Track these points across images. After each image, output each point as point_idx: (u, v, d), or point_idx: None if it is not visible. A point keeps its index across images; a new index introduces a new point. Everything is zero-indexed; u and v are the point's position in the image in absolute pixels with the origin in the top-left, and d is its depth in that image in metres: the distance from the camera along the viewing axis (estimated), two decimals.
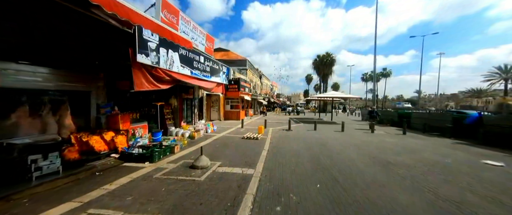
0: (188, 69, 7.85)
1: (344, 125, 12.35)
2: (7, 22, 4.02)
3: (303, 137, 9.96)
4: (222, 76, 11.86)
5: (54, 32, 4.53)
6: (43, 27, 4.39)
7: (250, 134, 9.65)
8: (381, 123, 16.94)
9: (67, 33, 4.80)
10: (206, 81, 9.52)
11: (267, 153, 6.64)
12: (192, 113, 10.87)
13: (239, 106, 19.43)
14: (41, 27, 4.38)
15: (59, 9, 3.67)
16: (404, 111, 16.93)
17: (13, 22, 4.06)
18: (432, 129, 11.96)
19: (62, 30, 4.62)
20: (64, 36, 4.88)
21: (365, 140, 9.36)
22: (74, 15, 3.84)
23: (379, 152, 6.90)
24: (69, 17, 4.12)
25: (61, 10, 3.66)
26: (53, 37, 4.63)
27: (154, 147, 5.75)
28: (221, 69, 11.67)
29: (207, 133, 10.57)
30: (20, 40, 4.38)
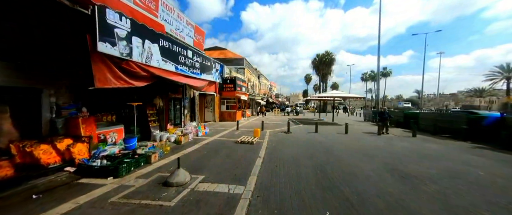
0: (172, 64, 6.82)
1: (348, 126, 11.36)
2: None
3: (304, 140, 8.96)
4: (215, 74, 10.84)
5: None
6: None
7: (245, 138, 8.63)
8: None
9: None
10: (195, 79, 8.50)
11: (262, 162, 5.62)
12: (181, 114, 9.84)
13: (236, 107, 18.41)
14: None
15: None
16: (410, 111, 15.95)
17: None
18: (442, 131, 11.02)
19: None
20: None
21: (373, 144, 8.37)
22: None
23: (394, 160, 5.90)
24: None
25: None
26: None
27: (123, 157, 4.72)
28: (214, 66, 10.65)
29: (198, 136, 9.54)
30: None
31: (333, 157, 6.15)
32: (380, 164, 5.49)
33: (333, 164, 5.48)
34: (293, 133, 11.11)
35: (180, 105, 9.79)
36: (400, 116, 15.29)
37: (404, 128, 13.81)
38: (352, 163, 5.59)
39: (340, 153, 6.66)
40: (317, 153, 6.61)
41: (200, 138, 9.16)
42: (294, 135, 10.40)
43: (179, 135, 7.84)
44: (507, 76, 43.98)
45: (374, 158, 6.15)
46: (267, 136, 10.00)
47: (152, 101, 8.23)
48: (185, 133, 8.30)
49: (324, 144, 8.22)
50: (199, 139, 8.90)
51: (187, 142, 8.03)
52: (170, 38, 6.73)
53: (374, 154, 6.63)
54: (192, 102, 12.65)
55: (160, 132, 7.85)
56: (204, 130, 10.21)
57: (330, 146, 7.73)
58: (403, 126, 14.32)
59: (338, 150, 7.17)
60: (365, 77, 77.70)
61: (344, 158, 6.11)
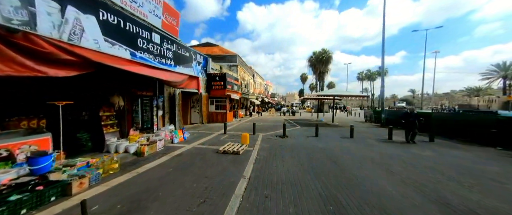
0: (124, 48, 5.00)
1: (353, 130, 9.73)
2: None
3: (304, 148, 7.26)
4: (197, 67, 9.04)
5: None
6: None
7: (230, 146, 6.88)
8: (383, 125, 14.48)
9: None
10: (166, 72, 6.69)
11: (246, 187, 3.89)
12: (152, 116, 8.02)
13: (227, 107, 16.61)
14: None
15: None
16: (419, 111, 14.43)
17: None
18: (460, 133, 9.56)
19: None
20: None
21: (389, 153, 6.75)
22: None
23: (430, 181, 4.26)
24: None
25: None
26: None
27: (14, 190, 2.89)
28: (195, 58, 8.85)
29: (173, 143, 7.73)
30: None
31: (346, 176, 4.46)
32: (414, 189, 3.83)
33: (349, 189, 3.79)
34: (289, 138, 9.41)
35: (152, 105, 7.96)
36: None
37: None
38: (375, 186, 3.92)
39: (353, 169, 4.98)
40: (323, 170, 4.92)
41: (174, 145, 7.35)
42: (291, 141, 8.70)
43: (142, 144, 6.02)
44: (503, 75, 43.68)
45: (401, 177, 4.49)
46: (259, 142, 8.27)
47: (109, 99, 6.38)
48: (152, 140, 6.47)
49: (329, 153, 6.54)
50: (173, 147, 7.09)
51: (154, 152, 6.21)
52: (120, 11, 4.91)
53: (398, 170, 4.97)
54: (171, 102, 10.81)
55: (117, 141, 6.01)
56: (182, 135, 8.40)
57: (337, 157, 6.05)
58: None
59: (349, 163, 5.49)
60: (361, 76, 77.03)
61: (361, 177, 4.43)
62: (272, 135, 10.17)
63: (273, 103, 53.45)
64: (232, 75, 19.33)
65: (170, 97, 10.76)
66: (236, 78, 20.55)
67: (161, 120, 9.09)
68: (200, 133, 10.52)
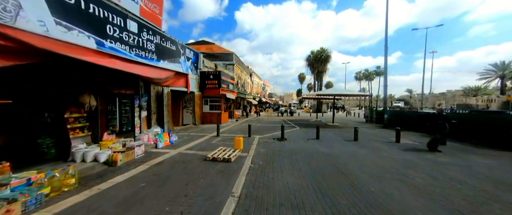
0: (88, 35, 4.09)
1: (357, 132, 8.91)
2: None
3: (304, 154, 6.41)
4: (185, 63, 8.13)
5: None
6: None
7: (220, 152, 6.00)
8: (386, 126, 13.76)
9: None
10: (146, 66, 5.78)
11: (235, 210, 3.02)
12: (134, 118, 7.09)
13: (222, 107, 15.71)
14: None
15: None
16: (426, 111, 13.68)
17: None
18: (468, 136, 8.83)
19: None
20: None
21: (401, 158, 5.94)
22: None
23: (466, 198, 3.45)
24: None
25: None
26: None
27: None
28: (183, 53, 7.94)
29: (157, 148, 6.82)
30: None
31: (360, 193, 3.62)
32: (450, 213, 3.01)
33: (368, 213, 2.94)
34: (288, 141, 8.56)
35: (133, 105, 7.03)
36: (412, 117, 13.06)
37: (415, 131, 11.53)
38: (400, 207, 3.08)
39: (366, 181, 4.15)
40: (331, 183, 4.07)
41: (158, 151, 6.44)
42: (290, 145, 7.85)
43: (116, 151, 5.10)
44: (501, 74, 43.56)
45: (427, 193, 3.67)
46: (254, 146, 7.40)
47: (78, 98, 5.44)
48: (129, 146, 5.55)
49: (334, 160, 5.70)
50: (156, 153, 6.18)
51: (130, 161, 5.29)
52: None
53: (421, 184, 4.15)
54: (159, 101, 9.87)
55: (86, 147, 5.08)
56: (168, 138, 7.49)
57: (344, 165, 5.21)
58: (414, 130, 12.08)
59: (360, 173, 4.66)
60: (359, 76, 76.75)
61: (378, 194, 3.59)
62: (269, 138, 9.32)
63: (271, 103, 52.68)
64: (228, 73, 18.45)
65: (158, 96, 9.82)
66: (232, 77, 19.66)
67: (146, 122, 8.16)
68: (191, 136, 9.61)
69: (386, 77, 13.88)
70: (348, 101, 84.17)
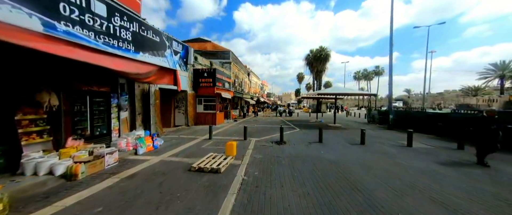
0: (29, 14, 3.16)
1: (364, 135, 8.03)
2: None
3: (307, 161, 5.52)
4: (172, 58, 7.19)
5: None
6: None
7: (209, 160, 5.08)
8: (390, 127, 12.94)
9: None
10: (119, 58, 4.85)
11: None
12: (110, 119, 6.13)
13: (217, 107, 14.78)
14: None
15: None
16: (437, 111, 12.79)
17: None
18: None
19: None
20: None
21: (419, 167, 5.07)
22: None
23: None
24: None
25: None
26: None
27: None
28: (169, 45, 7.00)
29: (137, 155, 5.89)
30: None
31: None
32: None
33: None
34: (288, 145, 7.68)
35: (108, 104, 6.08)
36: (420, 118, 12.23)
37: (422, 133, 10.69)
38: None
39: (387, 199, 3.26)
40: (344, 205, 3.18)
41: (136, 158, 5.50)
42: (291, 149, 6.96)
43: (78, 161, 4.15)
44: (501, 74, 43.18)
45: None
46: (250, 151, 6.50)
47: (35, 97, 4.48)
48: (97, 154, 4.60)
49: (343, 170, 4.81)
50: (133, 161, 5.24)
51: (96, 172, 4.35)
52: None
53: (459, 204, 3.28)
54: (145, 100, 8.93)
55: (43, 156, 4.12)
56: (151, 143, 6.55)
57: (357, 177, 4.32)
58: (421, 131, 11.25)
59: (379, 189, 3.77)
60: (358, 76, 76.30)
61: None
62: (267, 141, 8.42)
63: (269, 103, 51.82)
64: (224, 72, 17.52)
65: (143, 95, 8.88)
66: (228, 76, 18.74)
67: (127, 124, 7.21)
68: (180, 139, 8.68)
69: (391, 75, 13.05)
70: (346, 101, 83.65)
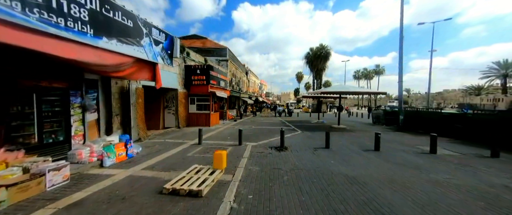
0: None
1: (379, 139, 6.86)
2: None
3: (316, 177, 4.36)
4: (151, 48, 5.98)
5: None
6: None
7: (188, 178, 3.89)
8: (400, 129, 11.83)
9: None
10: (70, 43, 3.65)
11: None
12: (69, 123, 4.91)
13: (211, 107, 13.57)
14: None
15: None
16: (453, 112, 11.58)
17: None
18: None
19: None
20: None
21: (466, 183, 3.93)
22: None
23: None
24: None
25: None
26: None
27: None
28: (148, 33, 5.77)
29: (103, 167, 4.69)
30: None
31: None
32: None
33: None
34: (290, 151, 6.51)
35: (67, 104, 4.87)
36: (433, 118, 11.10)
37: (446, 137, 9.56)
38: None
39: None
40: None
41: (97, 173, 4.30)
42: (293, 158, 5.78)
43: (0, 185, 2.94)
44: (504, 73, 42.39)
45: None
46: (244, 161, 5.32)
47: None
48: (34, 173, 3.39)
49: (366, 192, 3.65)
50: (91, 178, 4.04)
51: (32, 197, 3.15)
52: None
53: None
54: (125, 99, 7.72)
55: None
56: (126, 151, 5.34)
57: (397, 208, 3.16)
58: (429, 131, 10.08)
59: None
60: (357, 75, 75.35)
61: None
62: (265, 146, 7.25)
63: (268, 102, 50.67)
64: (219, 69, 16.29)
65: (123, 93, 7.67)
66: (224, 74, 17.52)
67: (97, 128, 5.98)
68: (165, 144, 7.48)
69: (401, 72, 11.90)
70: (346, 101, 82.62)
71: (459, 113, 10.50)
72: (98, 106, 6.43)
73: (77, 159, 4.50)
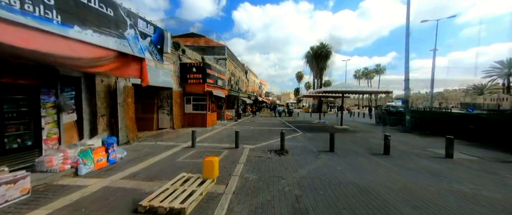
0: None
1: (389, 142, 6.27)
2: None
3: (322, 188, 3.77)
4: (136, 41, 5.36)
5: None
6: None
7: (172, 192, 3.30)
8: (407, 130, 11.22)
9: None
10: (24, 29, 3.06)
11: None
12: (39, 125, 4.32)
13: (208, 106, 12.98)
14: None
15: None
16: (463, 112, 10.97)
17: None
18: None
19: None
20: None
21: (498, 197, 3.34)
22: None
23: None
24: None
25: None
26: None
27: None
28: (132, 25, 5.17)
29: (78, 175, 4.10)
30: None
31: None
32: None
33: None
34: (291, 155, 5.92)
35: (35, 103, 4.27)
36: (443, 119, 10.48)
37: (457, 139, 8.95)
38: None
39: None
40: None
41: (69, 184, 3.71)
42: (295, 163, 5.19)
43: None
44: (507, 72, 41.87)
45: None
46: (240, 167, 4.73)
47: None
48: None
49: (388, 211, 3.06)
50: (58, 190, 3.45)
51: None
52: None
53: None
54: (112, 99, 7.14)
55: None
56: (106, 157, 4.75)
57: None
58: (442, 134, 9.48)
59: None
60: (358, 74, 74.75)
61: None
62: (264, 149, 6.66)
63: (267, 102, 50.08)
64: (216, 67, 15.69)
65: (110, 92, 7.08)
66: (222, 72, 16.92)
67: (75, 130, 5.38)
68: (155, 147, 6.89)
69: (407, 70, 11.29)
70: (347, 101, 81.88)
71: (471, 113, 9.91)
72: (80, 106, 5.85)
73: (46, 167, 3.91)
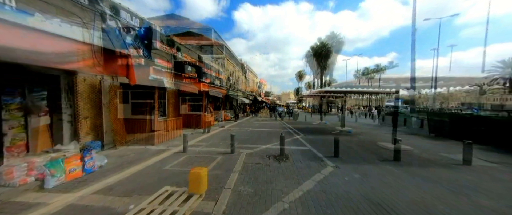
0: None
1: (400, 147, 5.68)
2: None
3: (329, 206, 3.18)
4: (118, 35, 4.80)
5: None
6: None
7: (155, 206, 2.70)
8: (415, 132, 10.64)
9: None
10: None
11: None
12: (0, 130, 3.75)
13: (204, 107, 12.40)
14: None
15: None
16: (474, 111, 10.38)
17: None
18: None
19: None
20: None
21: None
22: None
23: None
24: None
25: None
26: None
27: None
28: (112, 15, 4.59)
29: (45, 189, 3.50)
30: None
31: None
32: None
33: None
34: (292, 161, 5.34)
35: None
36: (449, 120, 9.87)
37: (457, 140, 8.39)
38: None
39: None
40: None
41: (28, 201, 3.12)
42: (296, 171, 4.61)
43: None
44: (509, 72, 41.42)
45: None
46: (235, 177, 4.14)
47: None
48: None
49: None
50: (10, 209, 2.86)
51: None
52: None
53: None
54: (95, 99, 6.53)
55: None
56: (81, 166, 4.16)
57: None
58: (451, 137, 8.95)
59: None
60: (358, 74, 74.26)
61: None
62: (262, 155, 6.07)
63: (267, 102, 49.49)
64: (214, 66, 15.12)
65: (94, 92, 6.47)
66: (218, 71, 16.35)
67: (48, 134, 4.79)
68: (143, 152, 6.29)
69: (413, 69, 10.72)
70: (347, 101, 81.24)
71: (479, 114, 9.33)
72: (59, 107, 5.26)
73: (5, 180, 3.32)
